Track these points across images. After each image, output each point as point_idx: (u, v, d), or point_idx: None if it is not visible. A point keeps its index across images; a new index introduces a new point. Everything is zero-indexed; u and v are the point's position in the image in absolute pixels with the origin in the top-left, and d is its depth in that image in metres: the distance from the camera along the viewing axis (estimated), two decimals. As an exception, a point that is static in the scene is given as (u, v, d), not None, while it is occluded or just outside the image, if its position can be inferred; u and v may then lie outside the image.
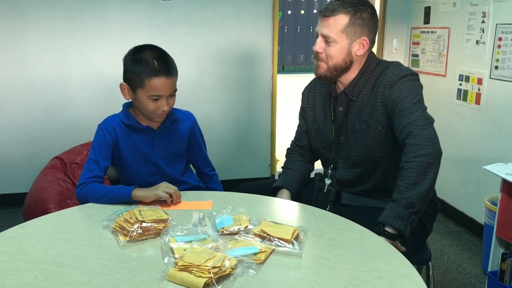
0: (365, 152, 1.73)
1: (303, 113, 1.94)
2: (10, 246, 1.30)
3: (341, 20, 1.64)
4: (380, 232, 1.43)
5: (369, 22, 1.67)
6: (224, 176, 3.60)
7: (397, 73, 1.66)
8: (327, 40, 1.66)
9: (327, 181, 1.84)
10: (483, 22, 2.90)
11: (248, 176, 3.94)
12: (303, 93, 1.96)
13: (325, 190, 1.83)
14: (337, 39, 1.65)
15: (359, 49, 1.68)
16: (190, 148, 1.90)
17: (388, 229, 1.43)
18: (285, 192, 1.84)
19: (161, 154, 1.80)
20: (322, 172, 1.92)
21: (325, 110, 1.85)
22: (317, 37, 1.70)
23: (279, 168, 3.30)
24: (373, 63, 1.73)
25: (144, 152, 1.77)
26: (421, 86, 1.69)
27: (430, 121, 1.57)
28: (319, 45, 1.68)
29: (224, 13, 3.64)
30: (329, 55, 1.67)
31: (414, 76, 1.69)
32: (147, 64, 1.63)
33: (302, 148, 1.97)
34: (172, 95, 1.70)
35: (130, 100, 1.76)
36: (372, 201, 1.77)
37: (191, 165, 1.99)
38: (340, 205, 1.82)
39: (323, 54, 1.68)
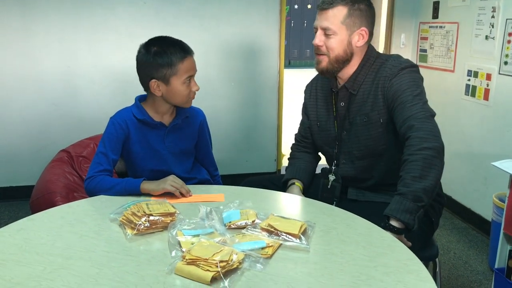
0: (368, 146, 1.72)
1: (306, 110, 1.94)
2: (19, 238, 1.31)
3: (340, 11, 1.65)
4: (385, 226, 1.42)
5: (367, 13, 1.69)
6: (230, 170, 3.61)
7: (396, 65, 1.66)
8: (327, 33, 1.67)
9: (331, 177, 1.84)
10: (492, 17, 2.87)
11: (254, 170, 3.94)
12: (305, 90, 1.97)
13: (329, 186, 1.83)
14: (337, 31, 1.65)
15: (359, 39, 1.69)
16: (197, 145, 1.91)
17: (393, 223, 1.41)
18: (295, 188, 1.83)
19: (171, 150, 1.80)
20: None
21: (327, 106, 1.85)
22: (316, 32, 1.70)
23: (285, 163, 3.29)
24: (372, 57, 1.73)
25: (155, 147, 1.77)
26: (421, 78, 1.68)
27: (432, 114, 1.57)
28: (319, 38, 1.69)
29: (232, 7, 3.63)
30: (330, 47, 1.67)
31: (414, 68, 1.68)
32: (172, 51, 1.67)
33: (306, 142, 1.97)
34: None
35: (146, 93, 1.77)
36: (379, 196, 1.77)
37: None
38: (347, 200, 1.81)
39: (324, 47, 1.69)
